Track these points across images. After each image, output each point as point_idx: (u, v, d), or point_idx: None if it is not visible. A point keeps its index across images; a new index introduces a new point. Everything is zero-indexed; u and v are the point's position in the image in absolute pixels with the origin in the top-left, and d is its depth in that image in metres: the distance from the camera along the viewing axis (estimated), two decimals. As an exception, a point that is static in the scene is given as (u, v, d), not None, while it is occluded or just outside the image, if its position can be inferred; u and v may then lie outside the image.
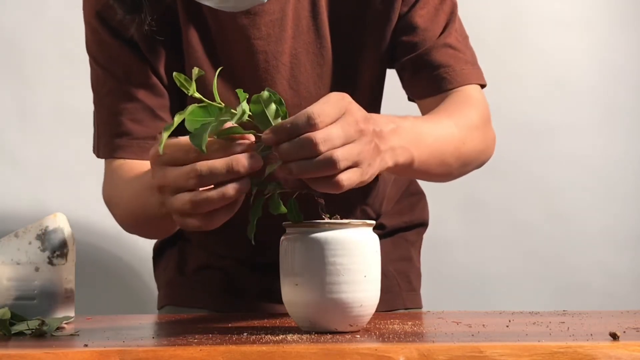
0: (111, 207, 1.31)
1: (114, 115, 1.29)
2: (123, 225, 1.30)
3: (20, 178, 1.94)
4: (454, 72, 1.29)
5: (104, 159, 1.32)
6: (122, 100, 1.29)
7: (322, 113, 0.92)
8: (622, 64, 2.11)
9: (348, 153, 0.93)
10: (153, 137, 1.28)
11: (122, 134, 1.28)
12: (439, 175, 1.22)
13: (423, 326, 1.04)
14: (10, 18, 1.95)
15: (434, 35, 1.30)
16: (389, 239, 1.45)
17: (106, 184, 1.32)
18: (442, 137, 1.17)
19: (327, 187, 0.94)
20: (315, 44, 1.29)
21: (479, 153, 1.27)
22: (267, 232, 1.08)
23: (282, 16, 1.27)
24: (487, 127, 1.30)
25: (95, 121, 1.34)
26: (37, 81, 1.95)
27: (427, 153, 1.12)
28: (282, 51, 1.27)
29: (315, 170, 0.92)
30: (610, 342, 0.83)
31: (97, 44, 1.31)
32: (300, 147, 0.91)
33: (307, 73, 1.29)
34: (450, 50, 1.30)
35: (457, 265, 2.06)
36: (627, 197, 2.10)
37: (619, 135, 2.11)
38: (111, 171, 1.30)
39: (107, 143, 1.30)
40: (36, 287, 1.09)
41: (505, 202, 2.08)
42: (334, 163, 0.91)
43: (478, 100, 1.30)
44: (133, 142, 1.28)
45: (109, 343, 0.88)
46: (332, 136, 0.91)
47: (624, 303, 2.01)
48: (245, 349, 0.81)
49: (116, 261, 1.97)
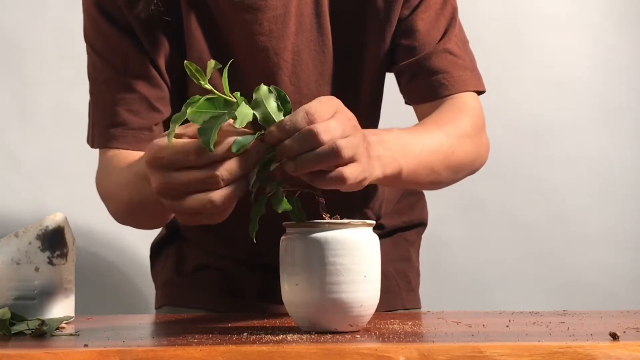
0: (104, 197, 1.30)
1: (110, 104, 1.28)
2: (116, 215, 1.29)
3: (20, 178, 1.94)
4: (452, 78, 1.29)
5: (99, 148, 1.31)
6: (118, 90, 1.28)
7: (318, 110, 0.93)
8: (622, 64, 2.11)
9: (350, 142, 0.93)
10: (149, 128, 1.27)
11: (118, 124, 1.27)
12: (429, 184, 1.23)
13: (423, 326, 1.04)
14: (10, 18, 1.95)
15: (433, 40, 1.30)
16: (389, 238, 1.45)
17: (100, 174, 1.31)
18: (430, 146, 1.17)
19: (332, 183, 0.94)
20: (317, 41, 1.29)
21: (470, 161, 1.28)
22: (266, 232, 1.08)
23: (285, 12, 1.26)
24: (479, 135, 1.30)
25: (91, 110, 1.33)
26: (37, 81, 1.95)
27: (415, 163, 1.12)
28: (284, 48, 1.27)
29: (320, 160, 0.92)
30: (610, 342, 0.83)
31: (95, 32, 1.30)
32: (302, 140, 0.91)
33: (309, 70, 1.29)
34: (450, 56, 1.30)
35: (456, 265, 2.06)
36: (627, 197, 2.10)
37: (619, 135, 2.11)
38: (105, 161, 1.29)
39: (102, 133, 1.29)
40: (36, 287, 1.09)
41: (505, 202, 2.08)
42: (338, 151, 0.92)
43: (472, 108, 1.30)
44: (128, 132, 1.27)
45: (109, 343, 0.88)
46: (330, 127, 0.92)
47: (624, 303, 2.01)
48: (245, 349, 0.81)
49: (116, 261, 1.97)
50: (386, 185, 1.11)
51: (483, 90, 1.33)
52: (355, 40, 1.30)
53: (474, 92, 1.32)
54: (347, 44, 1.30)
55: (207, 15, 1.28)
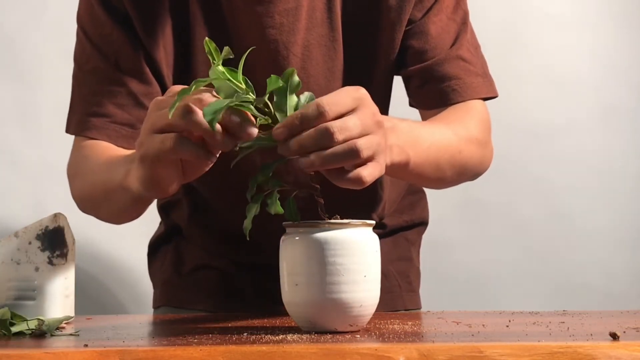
0: (73, 179, 1.28)
1: (94, 94, 1.27)
2: (81, 200, 1.27)
3: (20, 178, 1.94)
4: (464, 85, 1.29)
5: (74, 135, 1.30)
6: (106, 81, 1.26)
7: (332, 102, 0.91)
8: (622, 64, 2.11)
9: (369, 142, 0.92)
10: (131, 125, 1.26)
11: (101, 115, 1.26)
12: (433, 180, 1.22)
13: (423, 326, 1.04)
14: (10, 18, 1.95)
15: (444, 44, 1.29)
16: (389, 238, 1.45)
17: (73, 159, 1.30)
18: (439, 142, 1.17)
19: (350, 183, 0.93)
20: (328, 37, 1.27)
21: (475, 165, 1.27)
22: (266, 232, 1.08)
23: (297, 6, 1.25)
24: (486, 141, 1.30)
25: (73, 95, 1.31)
26: (37, 81, 1.95)
27: (423, 156, 1.11)
28: (294, 42, 1.26)
29: (338, 160, 0.91)
30: (610, 342, 0.83)
31: (90, 17, 1.28)
32: (317, 137, 0.90)
33: (319, 66, 1.28)
34: (462, 62, 1.29)
35: (457, 265, 2.06)
36: (627, 197, 2.10)
37: (619, 135, 2.11)
38: (80, 147, 1.27)
39: (81, 120, 1.27)
40: (36, 287, 1.09)
41: (505, 202, 2.08)
42: (357, 152, 0.91)
43: (481, 113, 1.29)
44: (110, 125, 1.26)
45: (109, 343, 0.88)
46: (348, 125, 0.91)
47: (624, 303, 2.01)
48: (245, 349, 0.81)
49: (116, 261, 1.97)
50: (390, 175, 1.10)
51: (495, 96, 1.33)
52: (366, 38, 1.28)
53: (483, 100, 1.32)
54: (358, 41, 1.28)
55: (215, 5, 1.26)
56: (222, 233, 1.38)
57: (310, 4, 1.26)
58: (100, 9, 1.26)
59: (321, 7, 1.27)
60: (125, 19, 1.25)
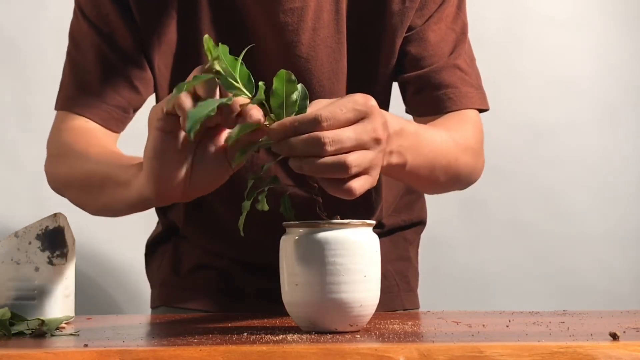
0: (57, 158, 1.26)
1: (88, 72, 1.26)
2: (65, 183, 1.25)
3: (20, 178, 1.94)
4: (460, 93, 1.29)
5: (62, 110, 1.29)
6: (101, 61, 1.26)
7: (333, 117, 0.89)
8: (622, 64, 2.11)
9: (361, 159, 0.91)
10: (123, 109, 1.25)
11: (92, 94, 1.25)
12: (425, 184, 1.23)
13: (423, 326, 1.04)
14: (10, 18, 1.95)
15: (442, 53, 1.30)
16: (387, 237, 1.45)
17: (58, 136, 1.28)
18: (439, 148, 1.17)
19: (340, 193, 0.93)
20: (333, 38, 1.27)
21: (468, 174, 1.28)
22: (266, 232, 1.08)
23: (303, 6, 1.24)
24: (480, 151, 1.30)
25: (65, 72, 1.30)
26: (37, 81, 1.95)
27: (420, 161, 1.11)
28: (297, 42, 1.25)
29: (326, 171, 0.90)
30: (610, 342, 0.83)
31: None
32: (306, 144, 0.89)
33: (323, 67, 1.27)
34: (458, 72, 1.30)
35: (456, 265, 2.06)
36: (627, 197, 2.10)
37: (619, 135, 2.11)
38: (69, 128, 1.25)
39: (71, 96, 1.26)
40: (36, 287, 1.09)
41: (505, 202, 2.08)
42: (346, 168, 0.90)
43: (476, 123, 1.30)
44: (102, 105, 1.25)
45: (109, 343, 0.88)
46: (341, 138, 0.89)
47: (624, 303, 2.01)
48: (245, 349, 0.81)
49: (116, 261, 1.97)
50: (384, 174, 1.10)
51: (487, 109, 1.33)
52: (369, 41, 1.28)
53: (477, 110, 1.32)
54: (361, 44, 1.28)
55: (224, 1, 1.26)
56: (221, 232, 1.38)
57: (317, 4, 1.25)
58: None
59: (328, 9, 1.26)
60: (124, 2, 1.25)
